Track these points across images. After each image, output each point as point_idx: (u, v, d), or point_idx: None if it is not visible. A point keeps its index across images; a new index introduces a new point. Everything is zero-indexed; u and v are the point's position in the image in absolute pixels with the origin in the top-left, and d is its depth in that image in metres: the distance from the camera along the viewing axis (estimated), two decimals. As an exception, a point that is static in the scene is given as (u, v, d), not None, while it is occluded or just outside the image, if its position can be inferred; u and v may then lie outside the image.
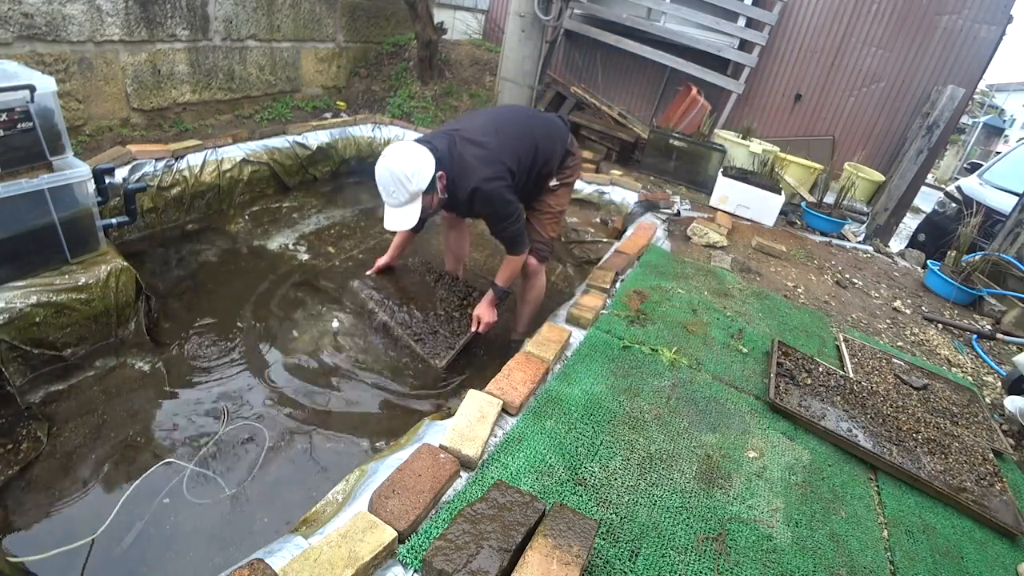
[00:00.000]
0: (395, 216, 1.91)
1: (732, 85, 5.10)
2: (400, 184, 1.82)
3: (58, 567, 1.40)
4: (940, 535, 1.54)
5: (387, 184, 1.84)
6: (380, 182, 1.86)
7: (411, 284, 2.52)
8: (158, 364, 2.11)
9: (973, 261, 3.46)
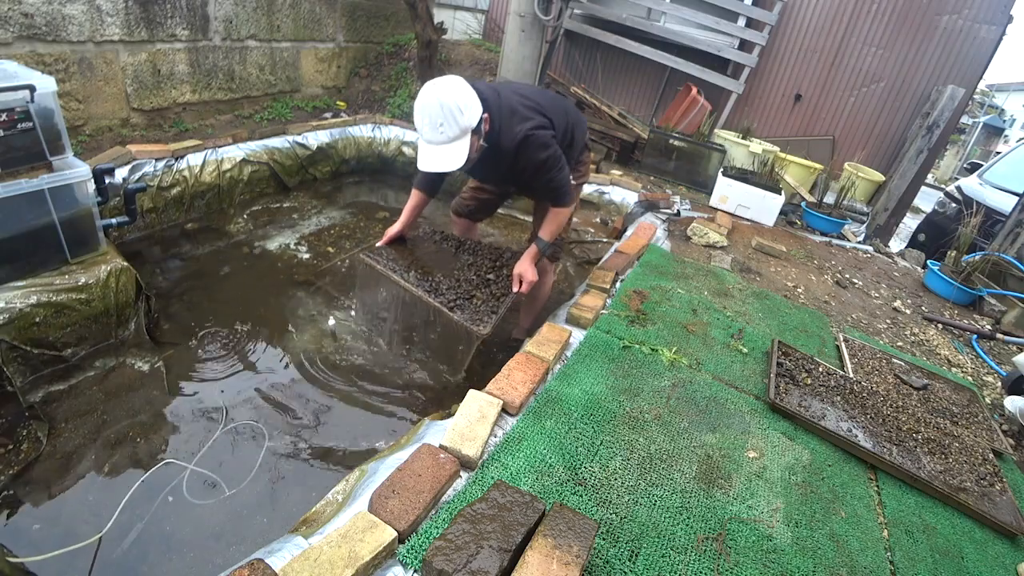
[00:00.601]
0: (440, 155, 1.70)
1: (732, 85, 5.10)
2: (451, 116, 1.64)
3: (58, 567, 1.40)
4: (940, 535, 1.54)
5: (434, 115, 1.64)
6: (425, 113, 1.66)
7: (429, 253, 2.32)
8: (158, 364, 2.11)
9: (973, 261, 3.46)
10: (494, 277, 2.16)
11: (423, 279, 2.10)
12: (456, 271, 2.19)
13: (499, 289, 2.11)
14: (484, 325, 1.94)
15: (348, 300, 2.71)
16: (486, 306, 2.03)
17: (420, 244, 2.35)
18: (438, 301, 2.01)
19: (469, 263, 2.24)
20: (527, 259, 2.09)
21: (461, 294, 2.05)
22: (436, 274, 2.14)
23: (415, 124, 1.73)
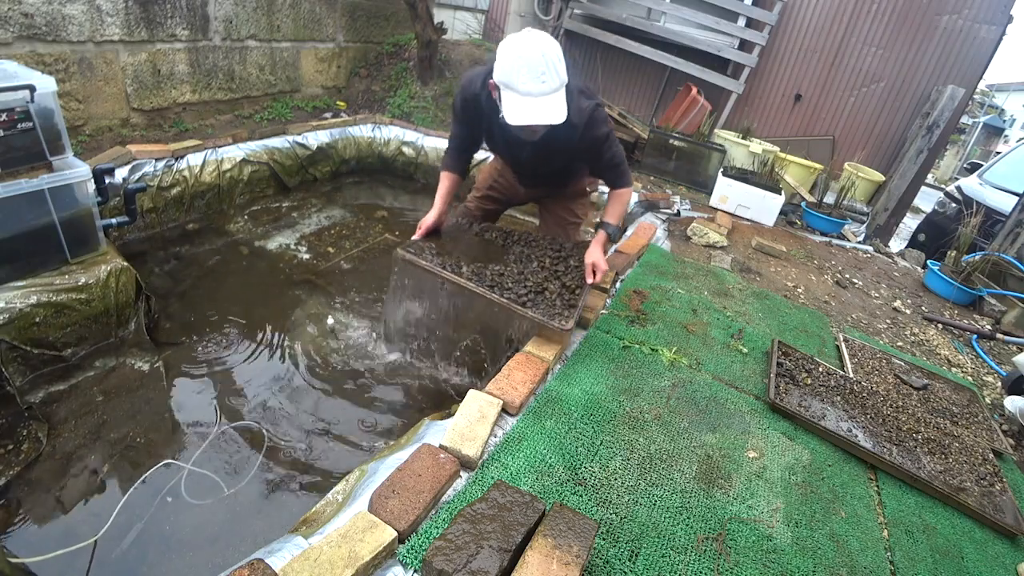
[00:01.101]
0: (542, 106, 1.57)
1: (732, 85, 5.10)
2: (553, 66, 1.55)
3: (59, 567, 1.40)
4: (940, 535, 1.54)
5: (537, 64, 1.53)
6: (525, 62, 1.53)
7: (473, 245, 2.10)
8: (158, 364, 2.10)
9: (973, 261, 3.46)
10: (563, 268, 1.99)
11: (479, 274, 1.87)
12: (514, 263, 1.98)
13: (571, 280, 1.93)
14: (566, 320, 1.75)
15: (348, 300, 2.71)
16: (561, 300, 1.84)
17: (459, 235, 2.15)
18: (506, 297, 1.78)
19: (526, 255, 2.05)
20: (597, 246, 1.98)
21: (531, 288, 1.85)
22: (492, 268, 1.92)
23: (504, 76, 1.58)
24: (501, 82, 1.61)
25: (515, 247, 2.11)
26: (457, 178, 2.08)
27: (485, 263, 1.94)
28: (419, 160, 4.44)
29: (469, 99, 1.87)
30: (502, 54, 1.59)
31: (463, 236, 2.14)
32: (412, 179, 4.52)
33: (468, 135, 2.04)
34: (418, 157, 4.43)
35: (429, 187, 4.46)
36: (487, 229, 2.21)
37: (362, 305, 2.68)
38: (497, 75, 1.61)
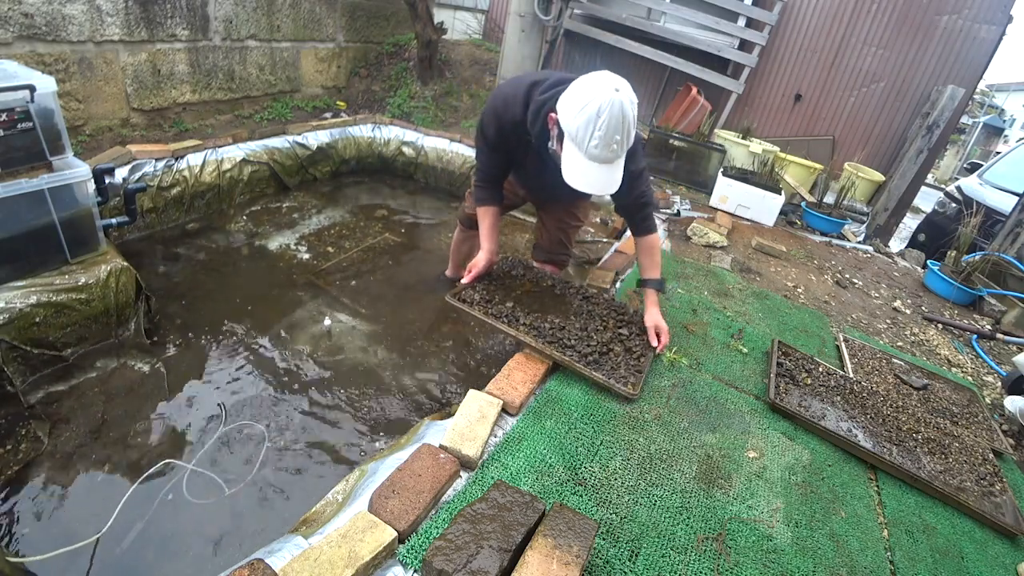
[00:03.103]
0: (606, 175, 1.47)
1: (732, 85, 5.10)
2: (629, 130, 1.44)
3: (59, 567, 1.40)
4: (940, 535, 1.54)
5: (616, 129, 1.40)
6: (608, 125, 1.39)
7: (529, 293, 2.01)
8: (158, 364, 2.11)
9: (973, 261, 3.46)
10: (626, 332, 1.90)
11: (538, 327, 1.79)
12: (574, 317, 1.89)
13: (635, 346, 1.86)
14: (632, 385, 1.69)
15: (348, 300, 2.71)
16: (626, 364, 1.78)
17: (511, 281, 2.05)
18: (568, 355, 1.72)
19: (587, 310, 1.96)
20: (655, 308, 1.92)
21: (595, 348, 1.77)
22: (550, 320, 1.84)
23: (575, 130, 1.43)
24: (569, 133, 1.45)
25: (575, 300, 2.01)
26: (498, 210, 1.96)
27: (543, 314, 1.87)
28: (419, 160, 4.44)
29: (508, 125, 1.71)
30: (578, 102, 1.42)
31: (516, 284, 2.03)
32: (412, 179, 4.52)
33: (504, 163, 1.88)
34: (418, 157, 4.43)
35: (429, 187, 4.46)
36: (542, 275, 2.12)
37: (362, 305, 2.68)
38: (567, 123, 1.45)
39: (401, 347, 2.43)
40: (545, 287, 2.06)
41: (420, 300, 2.82)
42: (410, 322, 2.62)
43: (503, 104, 1.70)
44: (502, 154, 1.85)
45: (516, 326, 1.79)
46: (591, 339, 1.81)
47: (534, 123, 1.64)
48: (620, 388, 1.68)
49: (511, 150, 1.81)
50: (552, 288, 2.05)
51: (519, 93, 1.67)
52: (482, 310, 1.83)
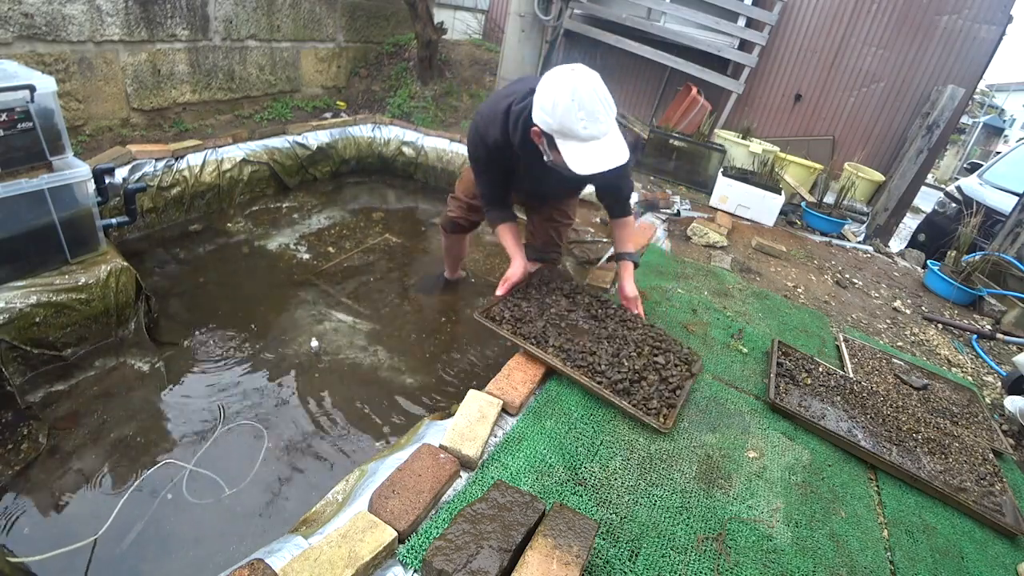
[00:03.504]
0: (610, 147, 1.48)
1: (732, 85, 5.10)
2: (606, 100, 1.46)
3: (59, 567, 1.40)
4: (940, 535, 1.54)
5: (592, 104, 1.43)
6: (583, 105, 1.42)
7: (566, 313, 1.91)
8: (158, 364, 2.11)
9: (973, 261, 3.46)
10: (663, 361, 1.79)
11: (567, 350, 1.72)
12: (607, 341, 1.81)
13: (672, 376, 1.74)
14: (665, 418, 1.60)
15: (348, 300, 2.70)
16: (659, 395, 1.67)
17: (547, 297, 1.96)
18: (598, 381, 1.65)
19: (622, 335, 1.86)
20: (629, 278, 1.98)
21: (627, 375, 1.69)
22: (581, 343, 1.76)
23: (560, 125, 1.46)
24: (556, 131, 1.48)
25: (610, 323, 1.91)
26: (515, 224, 1.99)
27: (573, 336, 1.80)
28: (419, 160, 4.44)
29: (493, 148, 1.76)
30: (547, 101, 1.46)
31: (547, 296, 1.95)
32: (412, 179, 4.52)
33: (503, 179, 1.91)
34: (418, 157, 4.43)
35: (429, 187, 4.46)
36: (576, 290, 2.04)
37: (362, 305, 2.68)
38: (548, 125, 1.48)
39: (401, 347, 2.43)
40: (582, 306, 1.97)
41: (420, 300, 2.82)
42: (410, 322, 2.62)
43: (484, 126, 1.75)
44: (498, 171, 1.88)
45: (544, 348, 1.72)
46: (622, 365, 1.72)
47: (515, 132, 1.67)
48: (650, 420, 1.58)
49: (504, 165, 1.85)
50: (589, 308, 1.96)
51: (497, 112, 1.71)
52: (511, 329, 1.76)
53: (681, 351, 1.87)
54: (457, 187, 2.39)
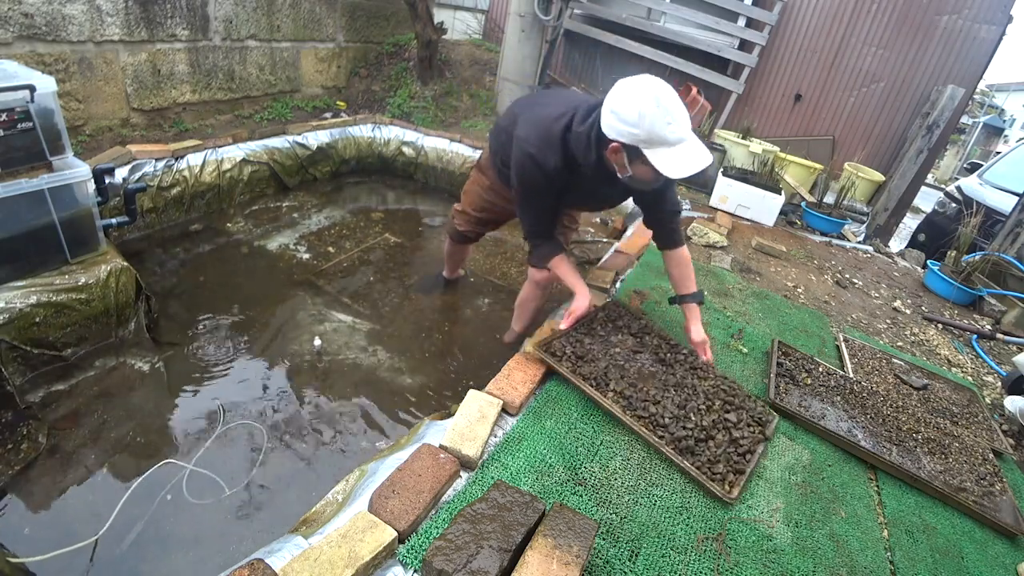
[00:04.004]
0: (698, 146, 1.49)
1: (732, 85, 5.10)
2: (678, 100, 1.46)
3: (59, 567, 1.40)
4: (940, 535, 1.54)
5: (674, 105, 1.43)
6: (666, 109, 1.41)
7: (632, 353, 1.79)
8: (158, 364, 2.11)
9: (973, 261, 3.45)
10: (734, 419, 1.63)
11: (629, 397, 1.59)
12: (673, 390, 1.67)
13: (742, 436, 1.58)
14: (731, 485, 1.45)
15: (348, 300, 2.70)
16: (727, 458, 1.51)
17: (612, 334, 1.84)
18: (659, 435, 1.52)
19: (691, 384, 1.72)
20: (697, 320, 1.90)
21: (692, 432, 1.54)
22: (646, 390, 1.64)
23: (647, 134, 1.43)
24: (644, 141, 1.44)
25: (679, 369, 1.77)
26: (566, 254, 1.90)
27: (638, 381, 1.67)
28: (419, 160, 4.44)
29: (554, 174, 1.67)
30: (631, 114, 1.42)
31: (612, 334, 1.83)
32: (412, 179, 4.52)
33: (552, 206, 1.83)
34: (418, 157, 4.43)
35: (429, 187, 4.46)
36: (646, 329, 1.92)
37: (362, 305, 2.68)
38: (634, 137, 1.45)
39: (401, 347, 2.43)
40: (649, 348, 1.84)
41: (420, 300, 2.82)
42: (410, 322, 2.62)
43: (541, 154, 1.64)
44: (550, 199, 1.79)
45: (604, 391, 1.61)
46: (688, 420, 1.58)
47: (587, 154, 1.59)
48: (713, 487, 1.42)
49: (560, 191, 1.76)
50: (657, 350, 1.83)
51: (552, 137, 1.64)
52: (570, 367, 1.66)
53: (755, 409, 1.72)
54: (464, 201, 2.33)
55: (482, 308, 2.86)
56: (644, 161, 1.48)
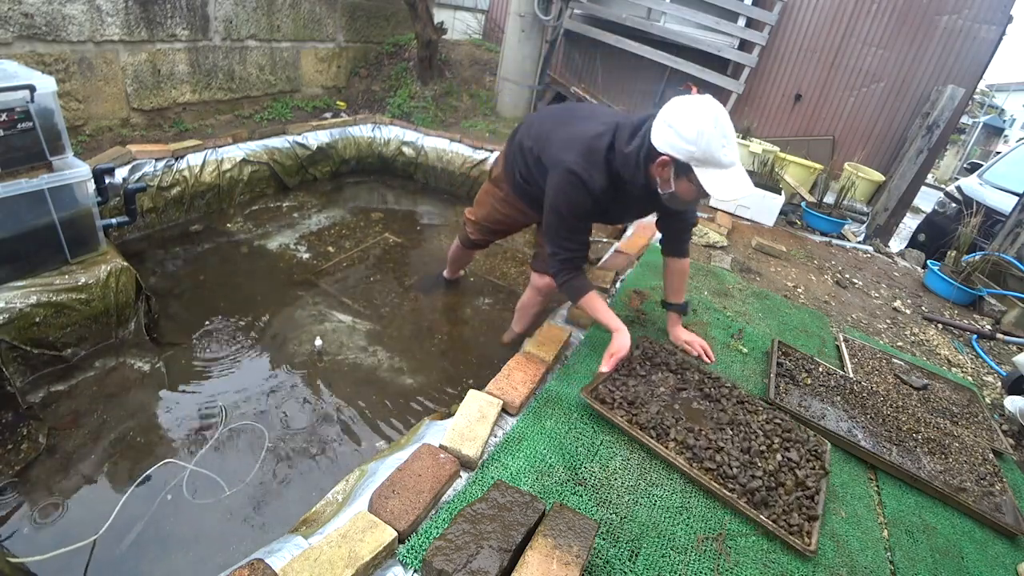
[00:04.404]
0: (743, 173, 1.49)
1: (732, 85, 5.10)
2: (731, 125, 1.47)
3: (59, 567, 1.40)
4: (940, 535, 1.54)
5: (730, 130, 1.44)
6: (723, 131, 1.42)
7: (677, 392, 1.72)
8: (158, 364, 2.11)
9: (973, 261, 3.45)
10: (796, 456, 1.55)
11: (691, 446, 1.51)
12: (729, 429, 1.60)
13: (807, 475, 1.50)
14: (808, 535, 1.35)
15: (348, 300, 2.70)
16: (799, 504, 1.42)
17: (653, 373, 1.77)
18: (729, 489, 1.41)
19: (744, 421, 1.64)
20: (676, 323, 2.01)
21: (763, 480, 1.44)
22: (704, 434, 1.56)
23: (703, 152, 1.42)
24: (698, 159, 1.44)
25: (728, 403, 1.71)
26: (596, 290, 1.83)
27: (694, 423, 1.60)
28: (419, 160, 4.44)
29: (601, 195, 1.64)
30: (690, 130, 1.42)
31: (653, 372, 1.77)
32: (412, 179, 4.52)
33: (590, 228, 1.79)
34: (418, 157, 4.44)
35: (429, 187, 4.46)
36: (684, 364, 1.85)
37: (362, 305, 2.68)
38: (689, 154, 1.44)
39: (401, 347, 2.43)
40: (692, 384, 1.78)
41: (420, 300, 2.82)
42: (410, 321, 2.62)
43: (588, 175, 1.60)
44: (591, 220, 1.77)
45: (665, 442, 1.52)
46: (755, 466, 1.49)
47: (636, 171, 1.57)
48: (795, 541, 1.32)
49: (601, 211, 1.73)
50: (701, 385, 1.78)
51: (597, 156, 1.61)
52: (626, 416, 1.58)
53: (808, 440, 1.65)
54: (477, 212, 2.29)
55: (482, 308, 2.86)
56: (691, 179, 1.48)
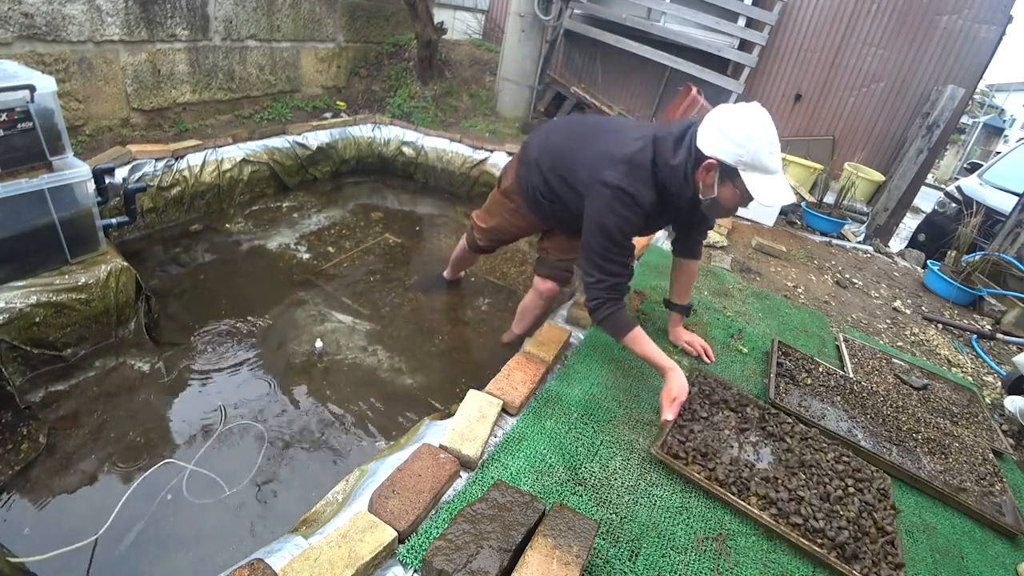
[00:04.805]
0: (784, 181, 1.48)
1: (732, 85, 5.10)
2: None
3: (58, 567, 1.40)
4: (940, 535, 1.54)
5: (776, 138, 1.45)
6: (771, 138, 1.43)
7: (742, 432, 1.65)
8: (158, 364, 2.11)
9: (973, 261, 3.46)
10: (871, 498, 1.49)
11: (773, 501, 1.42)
12: (802, 472, 1.52)
13: (883, 518, 1.45)
14: None
15: (348, 300, 2.70)
16: (884, 552, 1.36)
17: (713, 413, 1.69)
18: (818, 544, 1.32)
19: (815, 460, 1.57)
20: (677, 324, 2.07)
21: (849, 530, 1.36)
22: (780, 481, 1.47)
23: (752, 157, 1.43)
24: (746, 164, 1.45)
25: (793, 441, 1.64)
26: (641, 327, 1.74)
27: (768, 470, 1.52)
28: (419, 160, 4.44)
29: (649, 208, 1.62)
30: (740, 135, 1.43)
31: (718, 412, 1.70)
32: (412, 179, 4.52)
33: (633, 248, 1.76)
34: (418, 157, 4.44)
35: (429, 187, 4.46)
36: (742, 400, 1.76)
37: (362, 305, 2.68)
38: (738, 157, 1.44)
39: (401, 347, 2.43)
40: (753, 422, 1.69)
41: (420, 300, 2.82)
42: (410, 322, 2.62)
43: (636, 190, 1.58)
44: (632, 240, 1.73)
45: (747, 497, 1.42)
46: (838, 514, 1.41)
47: (685, 184, 1.57)
48: None
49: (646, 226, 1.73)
50: (762, 423, 1.69)
51: (643, 170, 1.59)
52: (703, 471, 1.47)
53: (873, 476, 1.59)
54: (488, 222, 2.26)
55: (482, 308, 2.86)
56: (736, 184, 1.49)
